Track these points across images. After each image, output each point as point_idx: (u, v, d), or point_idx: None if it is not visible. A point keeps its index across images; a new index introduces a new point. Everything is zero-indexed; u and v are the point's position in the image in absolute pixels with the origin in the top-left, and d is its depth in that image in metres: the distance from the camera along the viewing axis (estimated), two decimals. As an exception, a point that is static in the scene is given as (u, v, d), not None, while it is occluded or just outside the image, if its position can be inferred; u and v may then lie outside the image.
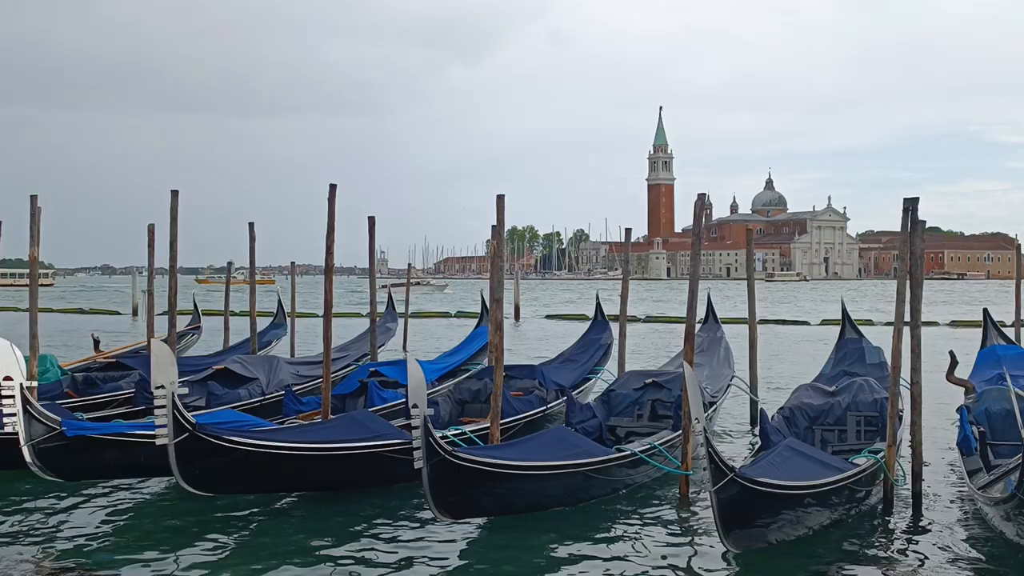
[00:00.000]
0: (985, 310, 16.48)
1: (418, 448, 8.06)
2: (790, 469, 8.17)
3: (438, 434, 8.33)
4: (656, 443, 10.45)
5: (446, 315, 50.88)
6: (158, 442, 8.48)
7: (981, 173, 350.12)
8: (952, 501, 10.10)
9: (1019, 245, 22.65)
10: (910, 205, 9.34)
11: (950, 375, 12.56)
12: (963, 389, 12.74)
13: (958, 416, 10.44)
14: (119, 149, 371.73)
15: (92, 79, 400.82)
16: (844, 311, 15.19)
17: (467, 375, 14.64)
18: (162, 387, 8.32)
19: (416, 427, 8.08)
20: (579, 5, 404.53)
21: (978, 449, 9.63)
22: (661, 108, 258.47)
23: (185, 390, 9.19)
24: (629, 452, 10.07)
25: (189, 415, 8.69)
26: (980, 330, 16.44)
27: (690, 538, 8.87)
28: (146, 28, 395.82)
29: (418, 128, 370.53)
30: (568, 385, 14.23)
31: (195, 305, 25.75)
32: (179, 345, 17.30)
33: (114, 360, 17.14)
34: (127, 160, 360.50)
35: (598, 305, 18.13)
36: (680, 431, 10.43)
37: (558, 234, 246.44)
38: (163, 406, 8.37)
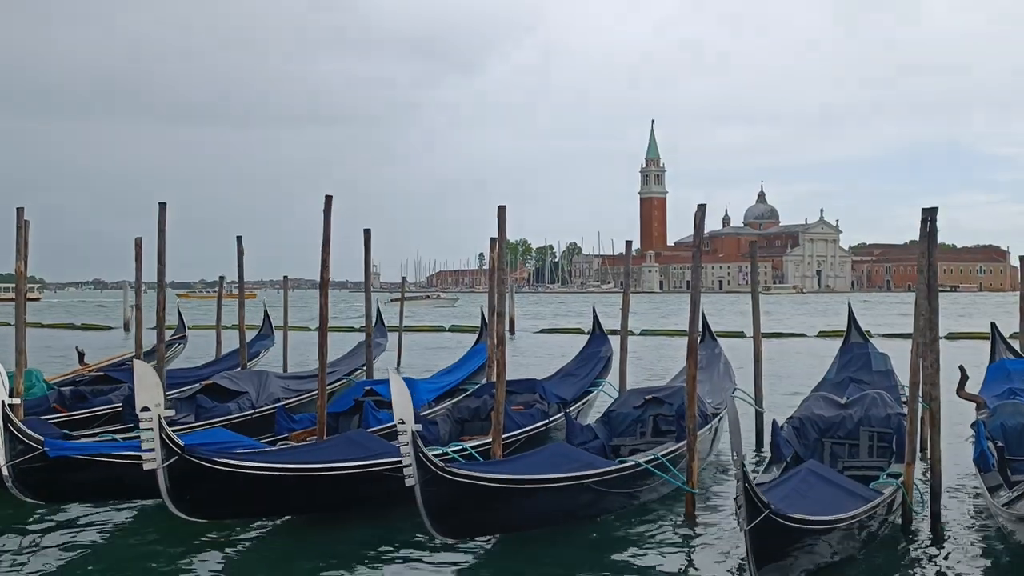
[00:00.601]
0: (993, 324, 16.20)
1: (408, 464, 7.76)
2: (818, 499, 7.83)
3: (437, 451, 8.00)
4: (659, 455, 10.18)
5: (440, 329, 50.41)
6: (146, 467, 8.08)
7: (970, 185, 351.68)
8: (971, 518, 9.85)
9: (1021, 257, 22.42)
10: (928, 215, 9.07)
11: (960, 390, 12.27)
12: (974, 405, 12.46)
13: (973, 432, 10.17)
14: (111, 162, 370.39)
15: (84, 92, 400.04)
16: (851, 315, 14.87)
17: (466, 394, 14.29)
18: (147, 409, 7.92)
19: (405, 443, 7.76)
20: (570, 20, 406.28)
21: (996, 465, 9.34)
22: (653, 121, 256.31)
23: (172, 412, 8.78)
24: (632, 463, 9.85)
25: (177, 438, 8.28)
26: (975, 341, 16.19)
27: (697, 560, 8.60)
28: (140, 41, 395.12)
29: (410, 141, 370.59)
30: (569, 398, 13.94)
31: (180, 315, 25.58)
32: (166, 356, 16.93)
33: (101, 373, 16.82)
34: (119, 174, 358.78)
35: (596, 319, 17.85)
36: (683, 442, 10.12)
37: (551, 247, 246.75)
38: (149, 429, 7.98)
